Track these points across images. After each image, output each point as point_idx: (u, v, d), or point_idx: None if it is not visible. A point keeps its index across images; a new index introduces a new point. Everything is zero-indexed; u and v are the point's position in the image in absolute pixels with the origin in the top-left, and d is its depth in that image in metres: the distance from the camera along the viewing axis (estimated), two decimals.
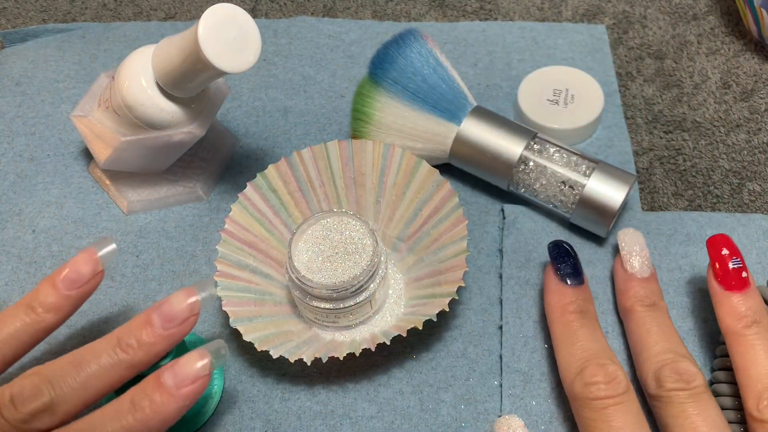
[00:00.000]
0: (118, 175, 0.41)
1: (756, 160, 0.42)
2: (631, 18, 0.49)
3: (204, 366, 0.28)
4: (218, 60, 0.31)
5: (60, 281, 0.30)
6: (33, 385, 0.27)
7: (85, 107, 0.38)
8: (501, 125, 0.39)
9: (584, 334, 0.32)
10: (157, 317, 0.29)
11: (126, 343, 0.28)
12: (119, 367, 0.28)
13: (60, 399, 0.27)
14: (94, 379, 0.28)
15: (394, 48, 0.40)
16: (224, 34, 0.31)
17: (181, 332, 0.29)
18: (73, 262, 0.30)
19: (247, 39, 0.31)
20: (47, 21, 0.50)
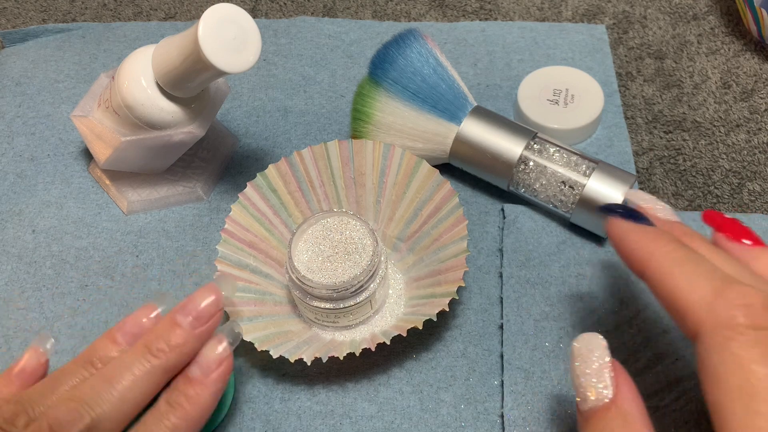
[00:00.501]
0: (118, 175, 0.41)
1: (756, 160, 0.42)
2: (631, 18, 0.49)
3: (224, 348, 0.29)
4: (218, 60, 0.31)
5: (122, 336, 0.29)
6: (70, 410, 0.26)
7: (85, 107, 0.38)
8: (501, 125, 0.39)
9: (709, 252, 0.26)
10: (183, 317, 0.29)
11: (156, 348, 0.28)
12: (154, 373, 0.28)
13: (101, 417, 0.26)
14: (131, 391, 0.27)
15: (394, 48, 0.40)
16: (224, 34, 0.31)
17: (209, 330, 0.29)
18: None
19: (247, 39, 0.31)
20: (47, 21, 0.50)
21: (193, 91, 0.35)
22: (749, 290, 0.22)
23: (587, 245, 0.39)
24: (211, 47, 0.30)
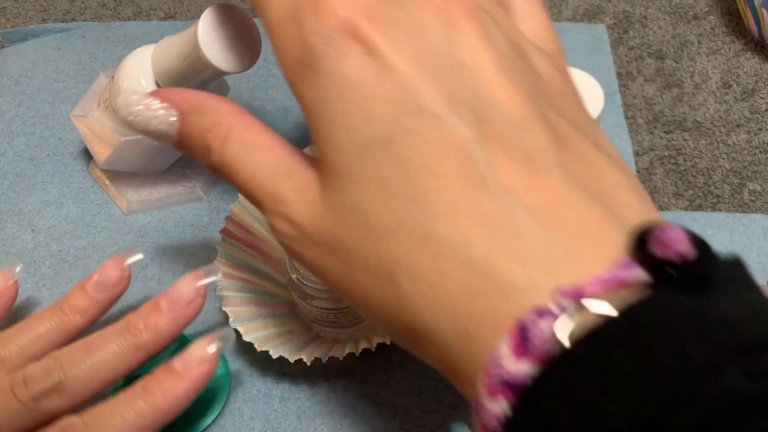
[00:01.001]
0: (117, 175, 0.41)
1: (756, 160, 0.42)
2: (631, 18, 0.49)
3: (211, 348, 0.29)
4: (218, 60, 0.31)
5: (89, 285, 0.31)
6: (44, 367, 0.28)
7: (84, 107, 0.38)
8: None
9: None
10: (164, 301, 0.30)
11: (134, 326, 0.29)
12: (127, 349, 0.29)
13: (69, 380, 0.28)
14: (104, 362, 0.28)
15: None
16: (224, 33, 0.31)
17: (186, 314, 0.30)
18: (103, 268, 0.32)
19: (248, 39, 0.31)
20: (47, 20, 0.50)
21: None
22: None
23: None
24: (210, 47, 0.30)
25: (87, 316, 0.31)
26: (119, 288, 0.32)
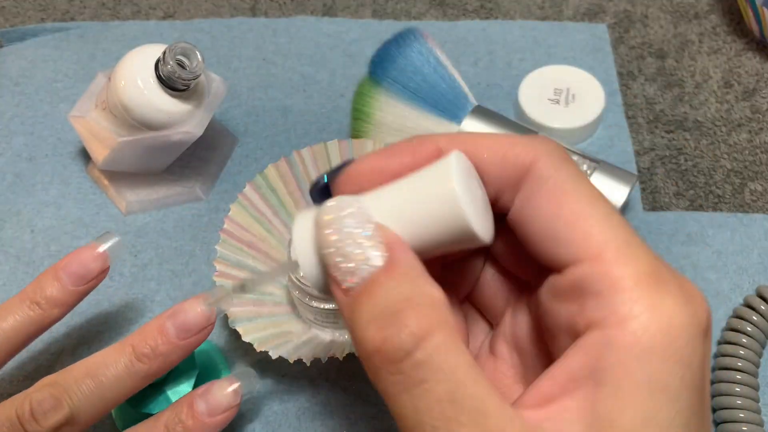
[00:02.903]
0: (116, 176, 0.40)
1: (758, 159, 0.42)
2: (632, 17, 0.49)
3: (236, 396, 0.29)
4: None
5: (66, 276, 0.30)
6: (52, 398, 0.27)
7: (82, 107, 0.38)
8: (502, 125, 0.39)
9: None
10: (171, 326, 0.28)
11: (141, 352, 0.28)
12: (136, 377, 0.28)
13: (79, 411, 0.27)
14: (111, 391, 0.28)
15: (394, 47, 0.39)
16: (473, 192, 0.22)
17: (197, 341, 0.29)
18: (80, 258, 0.30)
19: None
20: (46, 20, 0.50)
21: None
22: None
23: None
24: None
25: (65, 309, 0.30)
26: (100, 278, 0.31)
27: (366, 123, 0.39)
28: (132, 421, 0.30)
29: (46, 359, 0.35)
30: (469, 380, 0.18)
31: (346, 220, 0.20)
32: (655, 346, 0.19)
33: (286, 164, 0.37)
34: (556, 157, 0.21)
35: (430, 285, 0.20)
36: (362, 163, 0.22)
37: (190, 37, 0.48)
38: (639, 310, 0.19)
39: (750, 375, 0.33)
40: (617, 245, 0.20)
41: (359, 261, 0.20)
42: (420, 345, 0.18)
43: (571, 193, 0.21)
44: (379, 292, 0.20)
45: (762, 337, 0.34)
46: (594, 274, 0.20)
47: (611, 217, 0.20)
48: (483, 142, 0.22)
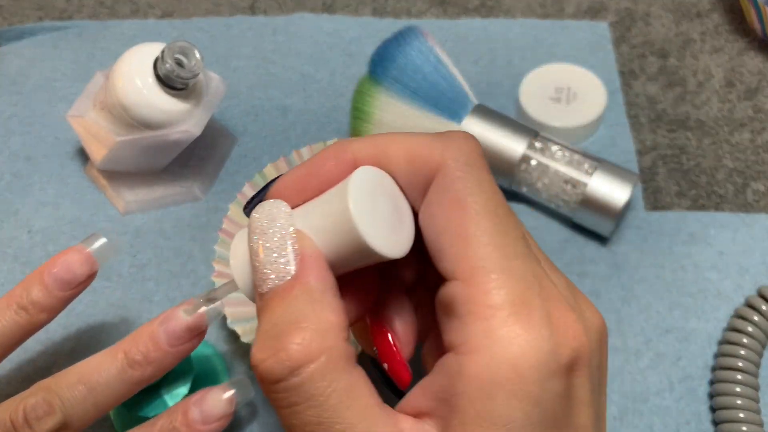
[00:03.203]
0: (114, 175, 0.40)
1: (760, 159, 0.42)
2: (634, 15, 0.49)
3: (230, 405, 0.29)
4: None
5: (52, 281, 0.29)
6: (46, 403, 0.27)
7: (80, 107, 0.38)
8: (502, 124, 0.39)
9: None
10: (163, 333, 0.28)
11: (133, 359, 0.28)
12: (128, 383, 0.28)
13: (72, 416, 0.27)
14: (103, 396, 0.28)
15: (394, 46, 0.39)
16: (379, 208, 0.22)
17: (189, 348, 0.29)
18: (66, 262, 0.29)
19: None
20: (43, 19, 0.50)
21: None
22: (463, 131, 0.22)
23: (590, 244, 0.38)
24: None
25: (53, 313, 0.29)
26: (87, 282, 0.30)
27: (366, 122, 0.39)
28: (129, 423, 0.30)
29: (44, 360, 0.35)
30: (341, 407, 0.19)
31: (270, 228, 0.21)
32: (500, 381, 0.19)
33: (285, 164, 0.36)
34: (461, 163, 0.21)
35: (328, 307, 0.20)
36: (287, 179, 0.22)
37: (188, 36, 0.48)
38: (489, 343, 0.19)
39: (750, 375, 0.33)
40: (489, 269, 0.19)
41: (274, 270, 0.20)
42: (294, 371, 0.19)
43: (463, 206, 0.20)
44: (276, 308, 0.20)
45: (763, 338, 0.34)
46: (460, 296, 0.20)
47: (496, 236, 0.20)
48: (392, 147, 0.21)
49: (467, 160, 0.21)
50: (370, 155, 0.21)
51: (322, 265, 0.21)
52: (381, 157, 0.21)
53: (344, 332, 0.20)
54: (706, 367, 0.34)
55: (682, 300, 0.36)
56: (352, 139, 0.22)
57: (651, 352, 0.35)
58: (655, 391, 0.34)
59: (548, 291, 0.20)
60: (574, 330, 0.19)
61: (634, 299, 0.36)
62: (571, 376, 0.19)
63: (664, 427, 0.33)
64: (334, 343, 0.20)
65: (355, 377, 0.20)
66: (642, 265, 0.37)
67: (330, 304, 0.20)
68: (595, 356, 0.21)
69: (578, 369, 0.20)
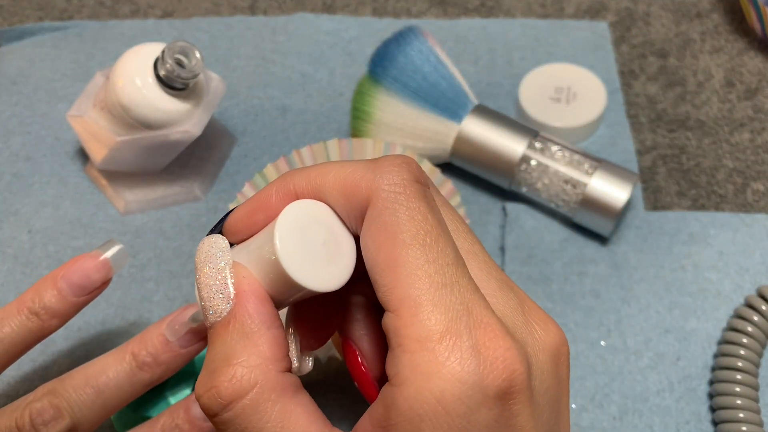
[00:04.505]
0: (114, 175, 0.40)
1: (760, 159, 0.42)
2: (634, 15, 0.49)
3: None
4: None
5: (67, 286, 0.28)
6: (53, 407, 0.26)
7: (80, 107, 0.38)
8: (502, 124, 0.39)
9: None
10: (172, 335, 0.28)
11: (143, 361, 0.28)
12: (137, 385, 0.28)
13: (81, 420, 0.27)
14: (111, 399, 0.27)
15: (394, 45, 0.39)
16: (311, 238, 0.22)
17: (199, 348, 0.29)
18: (83, 268, 0.29)
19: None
20: (44, 19, 0.50)
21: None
22: (398, 156, 0.22)
23: (590, 244, 0.38)
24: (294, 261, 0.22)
25: (64, 319, 0.29)
26: (102, 289, 0.29)
27: (366, 122, 0.39)
28: (131, 423, 0.30)
29: (43, 360, 0.35)
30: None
31: (207, 264, 0.22)
32: (426, 414, 0.19)
33: (285, 164, 0.36)
34: (390, 192, 0.20)
35: (260, 341, 0.21)
36: (236, 214, 0.23)
37: (188, 36, 0.48)
38: (414, 376, 0.19)
39: (750, 375, 0.33)
40: (415, 301, 0.19)
41: (213, 306, 0.21)
42: (226, 407, 0.20)
43: (391, 237, 0.20)
44: (215, 343, 0.21)
45: (763, 338, 0.34)
46: (391, 327, 0.20)
47: (425, 265, 0.20)
48: (328, 179, 0.22)
49: (396, 188, 0.21)
50: (309, 188, 0.22)
51: (258, 299, 0.21)
52: (318, 189, 0.22)
53: (278, 363, 0.21)
54: (706, 367, 0.34)
55: (682, 300, 0.36)
56: (294, 171, 0.22)
57: (651, 352, 0.35)
58: (654, 391, 0.34)
59: (478, 319, 0.20)
60: (505, 357, 0.19)
61: (634, 299, 0.36)
62: (504, 405, 0.19)
63: (663, 427, 0.33)
64: (264, 377, 0.20)
65: (290, 408, 0.20)
66: (642, 265, 0.37)
67: (263, 336, 0.21)
68: (545, 378, 0.21)
69: (513, 397, 0.19)
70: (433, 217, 0.21)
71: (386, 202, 0.20)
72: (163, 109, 0.35)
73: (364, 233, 0.21)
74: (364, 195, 0.21)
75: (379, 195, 0.21)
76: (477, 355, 0.19)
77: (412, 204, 0.20)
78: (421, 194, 0.21)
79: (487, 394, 0.19)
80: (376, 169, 0.21)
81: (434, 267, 0.20)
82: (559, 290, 0.37)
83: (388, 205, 0.20)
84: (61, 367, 0.35)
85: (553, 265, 0.37)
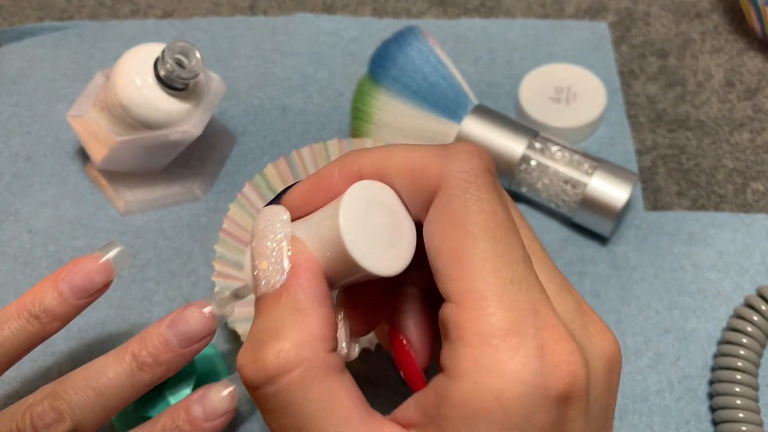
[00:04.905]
0: (114, 175, 0.40)
1: (760, 159, 0.42)
2: (634, 15, 0.49)
3: (232, 400, 0.29)
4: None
5: (69, 289, 0.28)
6: (54, 410, 0.26)
7: (80, 107, 0.38)
8: (502, 124, 0.39)
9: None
10: (174, 335, 0.28)
11: (143, 362, 0.27)
12: (138, 386, 0.28)
13: (82, 422, 0.27)
14: (112, 400, 0.27)
15: (394, 46, 0.39)
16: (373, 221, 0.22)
17: (200, 348, 0.28)
18: (84, 270, 0.28)
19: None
20: (44, 19, 0.50)
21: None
22: (469, 144, 0.21)
23: (590, 244, 0.38)
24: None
25: (65, 322, 0.29)
26: (103, 291, 0.29)
27: (366, 122, 0.39)
28: (131, 424, 0.30)
29: (43, 360, 0.35)
30: (317, 416, 0.19)
31: (267, 235, 0.21)
32: (483, 411, 0.18)
33: (285, 164, 0.36)
34: (461, 180, 0.20)
35: (311, 317, 0.20)
36: (296, 190, 0.22)
37: (188, 36, 0.48)
38: (475, 371, 0.19)
39: (750, 375, 0.33)
40: (481, 295, 0.19)
41: (266, 276, 0.21)
42: (270, 381, 0.20)
43: (460, 227, 0.20)
44: (264, 315, 0.21)
45: (762, 338, 0.34)
46: (452, 319, 0.19)
47: (493, 260, 0.19)
48: (394, 162, 0.21)
49: (467, 177, 0.20)
50: (374, 169, 0.21)
51: (313, 275, 0.21)
52: (384, 171, 0.21)
53: (326, 343, 0.20)
54: (706, 367, 0.34)
55: (682, 300, 0.36)
56: (359, 151, 0.22)
57: (650, 351, 0.35)
58: (654, 390, 0.34)
59: (545, 319, 0.19)
60: (570, 362, 0.19)
61: (634, 299, 0.36)
62: (562, 409, 0.19)
63: (663, 426, 0.33)
64: (312, 355, 0.20)
65: (335, 388, 0.20)
66: (641, 265, 0.37)
67: (315, 314, 0.20)
68: (599, 385, 0.20)
69: (572, 402, 0.19)
70: (503, 210, 0.20)
71: (456, 190, 0.20)
72: (163, 109, 0.35)
73: (430, 221, 0.20)
74: (432, 181, 0.20)
75: (449, 182, 0.20)
76: (542, 356, 0.19)
77: (484, 194, 0.20)
78: (492, 185, 0.20)
79: (548, 397, 0.19)
80: (446, 155, 0.21)
81: (503, 262, 0.19)
82: None
83: (458, 194, 0.20)
84: (61, 367, 0.35)
85: None
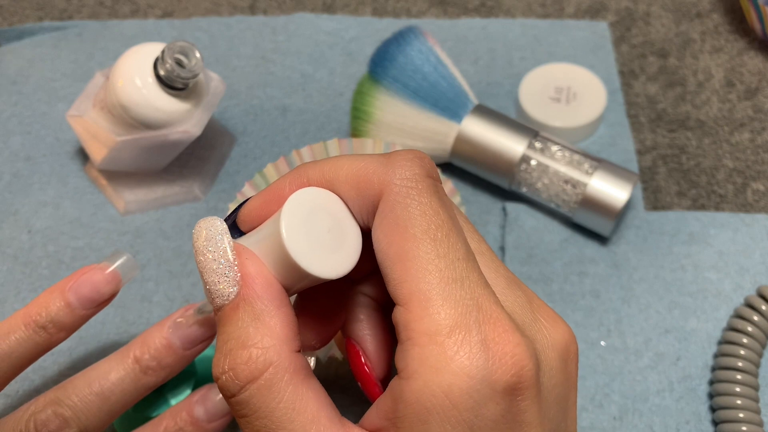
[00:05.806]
0: (114, 175, 0.40)
1: (760, 159, 0.42)
2: (634, 15, 0.49)
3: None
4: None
5: (77, 299, 0.28)
6: (58, 416, 0.26)
7: (80, 107, 0.38)
8: (502, 124, 0.39)
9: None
10: (177, 339, 0.28)
11: (146, 365, 0.27)
12: (142, 389, 0.28)
13: (88, 427, 0.27)
14: (116, 404, 0.27)
15: (394, 45, 0.39)
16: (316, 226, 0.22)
17: (202, 349, 0.29)
18: (92, 280, 0.28)
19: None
20: (43, 19, 0.50)
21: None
22: (411, 151, 0.22)
23: (590, 244, 0.38)
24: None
25: (71, 332, 0.28)
26: (109, 301, 0.29)
27: (366, 122, 0.39)
28: (131, 424, 0.30)
29: (43, 360, 0.35)
30: (285, 419, 0.20)
31: (207, 248, 0.21)
32: (433, 408, 0.19)
33: (285, 164, 0.36)
34: (402, 186, 0.21)
35: (272, 322, 0.21)
36: (250, 205, 0.23)
37: (188, 36, 0.48)
38: (423, 369, 0.19)
39: (750, 375, 0.33)
40: (425, 295, 0.19)
41: (218, 292, 0.21)
42: (243, 388, 0.20)
43: (401, 231, 0.20)
44: (227, 326, 0.21)
45: (762, 338, 0.34)
46: (401, 321, 0.20)
47: (435, 260, 0.20)
48: (341, 172, 0.22)
49: (409, 183, 0.21)
50: (324, 180, 0.22)
51: (265, 280, 0.21)
52: (332, 182, 0.22)
53: (290, 343, 0.21)
54: (706, 367, 0.34)
55: (682, 300, 0.36)
56: (310, 164, 0.22)
57: (651, 351, 0.35)
58: (654, 391, 0.34)
59: (488, 314, 0.20)
60: (514, 353, 0.19)
61: (634, 299, 0.36)
62: (512, 401, 0.19)
63: (663, 427, 0.33)
64: (278, 359, 0.20)
65: (303, 390, 0.20)
66: (642, 265, 0.37)
67: (275, 317, 0.21)
68: (554, 375, 0.21)
69: (521, 392, 0.19)
70: (445, 212, 0.21)
71: (398, 197, 0.21)
72: (163, 109, 0.35)
73: (376, 227, 0.21)
74: (376, 189, 0.21)
75: (391, 189, 0.21)
76: (486, 350, 0.19)
77: (424, 199, 0.21)
78: (432, 189, 0.21)
79: (495, 389, 0.19)
80: (388, 163, 0.21)
81: (444, 261, 0.20)
82: (559, 290, 0.37)
83: (399, 200, 0.20)
84: (61, 367, 0.35)
85: (553, 265, 0.37)
